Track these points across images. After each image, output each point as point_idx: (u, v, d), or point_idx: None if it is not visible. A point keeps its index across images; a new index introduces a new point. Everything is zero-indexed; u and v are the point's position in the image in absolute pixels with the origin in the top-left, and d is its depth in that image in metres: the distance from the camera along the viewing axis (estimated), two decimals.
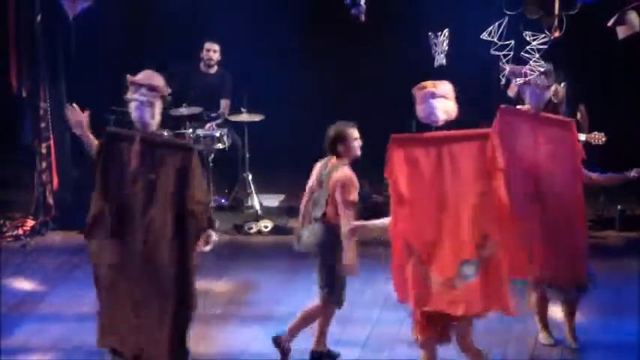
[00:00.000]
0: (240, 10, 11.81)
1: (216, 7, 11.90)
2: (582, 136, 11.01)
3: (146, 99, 7.24)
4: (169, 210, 7.21)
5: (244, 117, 11.40)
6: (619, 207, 11.40)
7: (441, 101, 7.39)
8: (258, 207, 11.62)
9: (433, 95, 7.40)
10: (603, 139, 10.86)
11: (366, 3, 9.79)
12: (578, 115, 11.15)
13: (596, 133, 10.91)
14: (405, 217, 7.18)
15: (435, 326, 7.21)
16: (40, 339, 8.69)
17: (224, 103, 11.66)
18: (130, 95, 7.29)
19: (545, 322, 8.60)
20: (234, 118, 11.49)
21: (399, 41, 12.08)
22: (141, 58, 11.44)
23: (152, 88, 7.27)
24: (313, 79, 12.40)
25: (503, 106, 8.25)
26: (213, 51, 11.73)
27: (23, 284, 9.90)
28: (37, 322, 8.99)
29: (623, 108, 11.43)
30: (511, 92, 8.26)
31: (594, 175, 8.36)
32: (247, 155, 11.60)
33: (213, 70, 11.81)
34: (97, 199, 7.31)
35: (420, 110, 7.37)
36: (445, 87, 7.51)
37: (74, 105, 7.40)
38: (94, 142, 7.37)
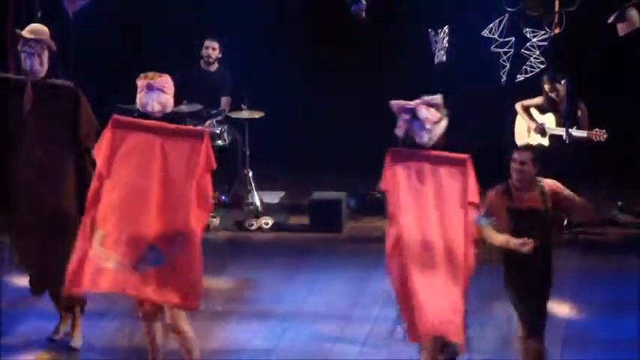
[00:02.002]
0: (241, 8, 11.75)
1: (217, 4, 11.84)
2: (583, 133, 10.97)
3: (34, 50, 8.07)
4: (60, 147, 8.12)
5: (245, 114, 11.34)
6: (619, 203, 11.33)
7: (157, 93, 7.62)
8: (258, 204, 11.58)
9: (150, 87, 7.61)
10: (605, 136, 10.83)
11: (366, 0, 9.77)
12: (579, 112, 11.12)
13: (597, 130, 10.88)
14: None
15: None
16: (38, 337, 8.66)
17: (224, 101, 11.61)
18: (19, 47, 8.16)
19: None
20: (234, 115, 11.45)
21: (399, 40, 12.00)
22: (140, 55, 11.38)
23: (38, 41, 8.11)
24: (314, 77, 12.35)
25: (395, 148, 7.64)
26: (212, 49, 11.68)
27: (22, 280, 9.81)
28: (36, 319, 8.92)
29: (623, 105, 11.34)
30: (399, 131, 7.61)
31: (485, 228, 7.86)
32: (248, 152, 11.56)
33: (214, 67, 11.77)
34: None
35: (137, 99, 7.68)
36: (163, 80, 7.68)
37: None
38: None
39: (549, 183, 7.51)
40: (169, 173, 7.44)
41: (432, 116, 7.26)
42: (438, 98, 7.34)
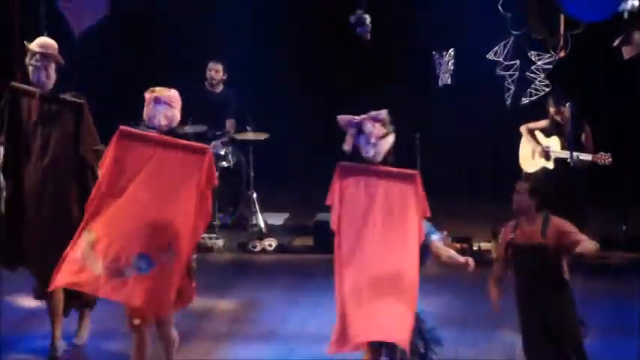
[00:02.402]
0: (246, 31, 11.77)
1: (223, 26, 11.87)
2: (588, 157, 10.95)
3: (41, 64, 8.40)
4: (64, 158, 8.46)
5: (249, 135, 11.37)
6: (624, 227, 11.32)
7: (164, 107, 7.78)
8: (262, 225, 11.61)
9: (158, 100, 7.77)
10: (609, 159, 10.79)
11: (371, 22, 9.79)
12: (583, 136, 11.08)
13: (602, 153, 10.85)
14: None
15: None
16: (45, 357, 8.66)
17: (229, 123, 11.65)
18: (27, 60, 8.45)
19: None
20: (239, 136, 11.48)
21: (402, 62, 12.02)
22: (143, 76, 11.37)
23: (46, 55, 8.43)
24: (319, 99, 12.37)
25: (343, 163, 7.67)
26: (215, 71, 11.72)
27: (28, 301, 9.78)
28: (42, 338, 8.89)
29: (628, 127, 11.35)
30: (347, 145, 7.61)
31: (435, 243, 7.84)
32: (252, 174, 11.58)
33: (218, 89, 11.82)
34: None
35: (145, 112, 7.82)
36: (170, 94, 7.86)
37: None
38: None
39: (557, 222, 7.47)
40: (170, 186, 7.57)
41: (377, 131, 7.36)
42: (383, 113, 7.42)
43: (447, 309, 7.36)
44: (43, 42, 8.55)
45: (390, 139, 7.44)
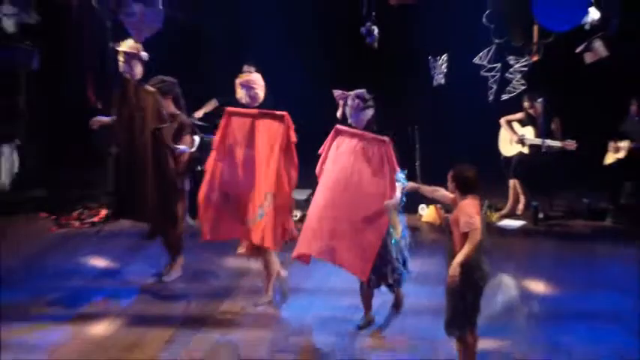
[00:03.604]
0: (274, 40, 11.77)
1: (258, 33, 11.85)
2: (557, 143, 11.02)
3: (127, 59, 8.89)
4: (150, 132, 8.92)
5: None
6: (585, 200, 11.39)
7: (247, 89, 8.48)
8: None
9: (242, 84, 8.49)
10: (575, 145, 10.89)
11: (379, 32, 9.82)
12: (553, 126, 11.15)
13: (568, 140, 10.94)
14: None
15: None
16: (112, 306, 8.74)
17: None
18: (118, 57, 8.97)
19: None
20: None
21: (404, 63, 12.06)
22: (195, 76, 11.42)
23: (129, 53, 8.91)
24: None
25: (338, 125, 8.14)
26: (248, 72, 11.66)
27: (98, 262, 9.95)
28: (109, 293, 9.03)
29: (590, 119, 11.40)
30: (338, 113, 8.13)
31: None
32: None
33: None
34: None
35: (237, 94, 8.53)
36: (251, 78, 8.55)
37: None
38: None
39: (462, 205, 6.98)
40: (263, 144, 8.30)
41: (356, 105, 8.01)
42: (363, 92, 8.03)
43: (440, 268, 7.44)
44: (128, 43, 9.01)
45: (369, 112, 8.05)
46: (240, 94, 8.50)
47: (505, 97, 10.82)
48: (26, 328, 8.24)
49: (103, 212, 11.13)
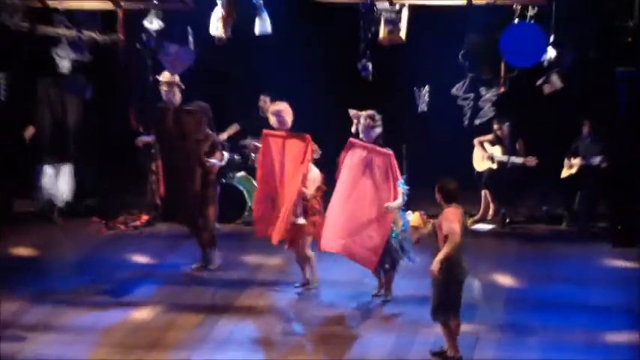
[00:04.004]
0: (287, 71, 11.73)
1: (273, 67, 11.83)
2: (520, 160, 11.04)
3: (168, 89, 9.11)
4: (192, 146, 9.03)
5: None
6: (544, 208, 11.41)
7: (277, 116, 8.65)
8: None
9: (273, 113, 8.69)
10: (535, 162, 10.91)
11: (372, 68, 9.81)
12: (517, 146, 11.16)
13: (530, 157, 10.96)
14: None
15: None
16: (152, 297, 8.76)
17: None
18: (160, 87, 9.11)
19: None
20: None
21: (393, 93, 12.04)
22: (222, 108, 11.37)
23: (170, 83, 9.10)
24: (337, 119, 12.34)
25: (351, 138, 8.51)
26: (264, 101, 11.51)
27: (139, 258, 10.00)
28: (149, 285, 9.06)
29: (548, 140, 11.41)
30: (353, 129, 8.43)
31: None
32: None
33: (268, 114, 11.72)
34: None
35: (270, 118, 8.73)
36: (279, 108, 8.72)
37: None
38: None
39: (445, 212, 7.04)
40: (292, 159, 8.51)
41: (367, 123, 8.31)
42: (374, 112, 8.38)
43: (427, 264, 7.48)
44: (167, 75, 9.15)
45: (377, 129, 8.35)
46: (272, 120, 8.69)
47: (477, 121, 10.77)
48: (81, 312, 8.30)
49: (144, 217, 11.16)
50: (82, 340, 7.70)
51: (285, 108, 8.68)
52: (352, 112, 8.44)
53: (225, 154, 9.58)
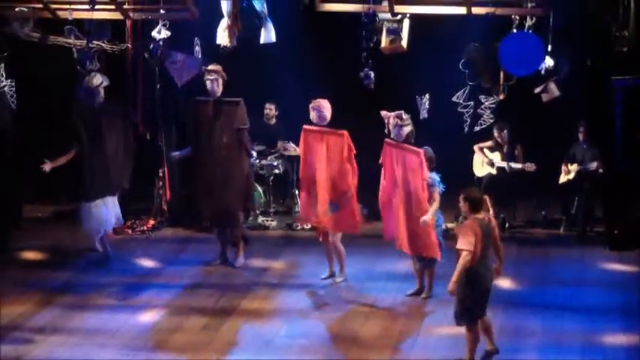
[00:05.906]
0: (290, 80, 11.72)
1: (277, 75, 11.81)
2: (519, 166, 11.02)
3: (213, 78, 9.10)
4: (231, 136, 9.16)
5: (293, 152, 11.30)
6: (543, 212, 11.38)
7: (317, 111, 8.78)
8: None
9: (313, 108, 8.78)
10: (534, 167, 10.89)
11: (374, 77, 9.81)
12: (516, 152, 11.13)
13: (528, 163, 10.94)
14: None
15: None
16: (158, 300, 8.74)
17: (280, 144, 11.53)
18: (205, 77, 9.13)
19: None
20: (286, 153, 11.42)
21: (395, 102, 12.01)
22: None
23: (214, 72, 9.12)
24: (340, 127, 12.35)
25: (387, 139, 8.70)
26: (269, 109, 11.58)
27: (147, 262, 9.98)
28: (156, 288, 9.03)
29: (546, 147, 11.38)
30: (386, 129, 8.63)
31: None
32: (295, 178, 11.47)
33: (272, 122, 11.69)
34: None
35: (311, 113, 8.80)
36: (318, 104, 8.82)
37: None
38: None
39: (466, 222, 7.11)
40: (331, 156, 8.67)
41: (394, 122, 8.47)
42: (401, 112, 8.52)
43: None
44: (212, 66, 9.18)
45: (407, 128, 8.52)
46: (312, 114, 8.82)
47: (477, 128, 10.81)
48: (88, 314, 8.29)
49: (151, 222, 11.13)
50: (89, 342, 7.69)
51: (325, 104, 8.81)
52: (383, 112, 8.64)
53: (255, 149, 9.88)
